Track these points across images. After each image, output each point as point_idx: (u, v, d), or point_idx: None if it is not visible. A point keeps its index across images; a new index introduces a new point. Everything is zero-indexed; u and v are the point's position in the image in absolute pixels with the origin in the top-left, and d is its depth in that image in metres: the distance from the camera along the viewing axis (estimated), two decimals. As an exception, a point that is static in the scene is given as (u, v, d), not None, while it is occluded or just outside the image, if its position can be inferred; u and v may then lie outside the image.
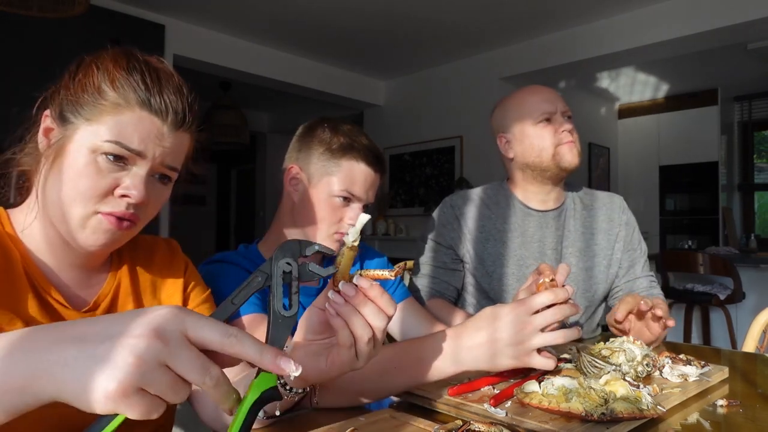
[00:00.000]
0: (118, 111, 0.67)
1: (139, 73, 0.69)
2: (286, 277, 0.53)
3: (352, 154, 1.05)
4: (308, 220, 1.07)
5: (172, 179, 0.75)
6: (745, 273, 3.62)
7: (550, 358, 0.76)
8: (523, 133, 1.38)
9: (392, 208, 5.72)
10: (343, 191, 1.05)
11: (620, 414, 0.65)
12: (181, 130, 0.72)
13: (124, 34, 3.74)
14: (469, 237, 1.43)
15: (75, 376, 0.38)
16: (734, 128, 6.54)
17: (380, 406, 0.87)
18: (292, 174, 1.10)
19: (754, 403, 0.79)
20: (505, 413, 0.70)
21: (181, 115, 0.71)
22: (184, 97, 0.72)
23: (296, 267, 0.53)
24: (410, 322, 1.18)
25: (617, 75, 5.68)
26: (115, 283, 0.78)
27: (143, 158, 0.68)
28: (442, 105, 5.24)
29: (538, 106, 1.36)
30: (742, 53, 4.86)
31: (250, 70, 4.70)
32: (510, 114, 1.41)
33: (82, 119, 0.68)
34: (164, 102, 0.69)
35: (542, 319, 0.75)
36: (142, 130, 0.68)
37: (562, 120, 1.36)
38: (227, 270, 1.00)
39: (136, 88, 0.68)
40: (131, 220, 0.70)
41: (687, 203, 6.24)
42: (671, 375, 0.86)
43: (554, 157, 1.35)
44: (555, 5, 3.93)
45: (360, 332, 0.59)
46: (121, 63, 0.69)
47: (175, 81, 0.72)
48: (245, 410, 0.47)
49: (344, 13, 4.08)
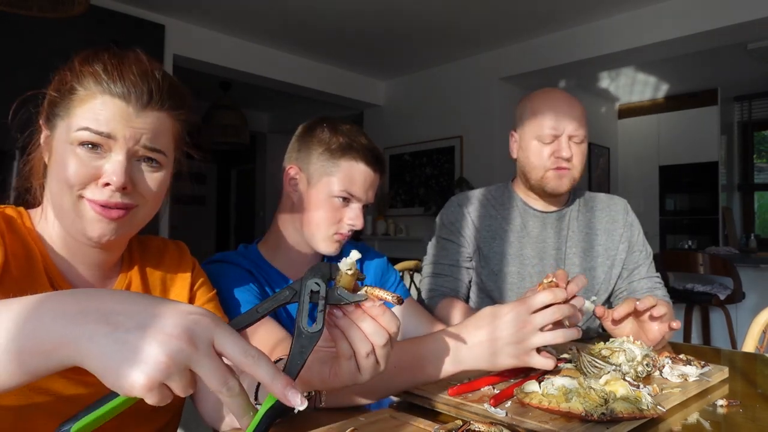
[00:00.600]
0: (85, 102, 0.70)
1: (101, 63, 0.71)
2: (313, 297, 0.55)
3: (351, 154, 1.05)
4: (307, 221, 1.07)
5: (161, 163, 0.74)
6: (745, 273, 3.62)
7: (549, 358, 0.76)
8: (526, 142, 1.37)
9: (392, 208, 5.72)
10: (343, 191, 1.05)
11: (620, 414, 0.65)
12: (150, 109, 0.71)
13: (124, 34, 3.74)
14: (477, 235, 1.43)
15: (104, 354, 0.41)
16: (734, 128, 6.54)
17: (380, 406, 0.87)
18: (291, 174, 1.10)
19: (754, 403, 0.79)
20: (505, 413, 0.70)
21: (147, 95, 0.71)
22: (153, 79, 0.72)
23: (324, 288, 0.55)
24: (410, 322, 1.18)
25: (617, 75, 5.69)
26: (126, 282, 0.81)
27: (115, 140, 0.69)
28: (442, 105, 5.24)
29: (545, 123, 1.32)
30: (742, 53, 4.86)
31: (250, 70, 4.70)
32: (524, 116, 1.39)
33: (59, 119, 0.72)
34: (125, 85, 0.70)
35: (541, 318, 0.75)
36: (107, 113, 0.69)
37: (565, 144, 1.31)
38: (227, 270, 1.00)
39: (97, 78, 0.70)
40: (124, 208, 0.71)
41: (687, 203, 6.24)
42: (671, 375, 0.86)
43: (542, 178, 1.34)
44: (555, 5, 3.93)
45: (358, 345, 0.58)
46: (87, 60, 0.72)
47: (143, 66, 0.73)
48: (258, 418, 0.47)
49: (344, 13, 4.08)
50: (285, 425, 0.72)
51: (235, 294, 0.96)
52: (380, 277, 1.23)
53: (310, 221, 1.06)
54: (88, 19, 2.93)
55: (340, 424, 0.69)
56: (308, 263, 1.13)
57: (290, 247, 1.10)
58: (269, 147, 7.46)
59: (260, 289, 1.03)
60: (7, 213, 0.74)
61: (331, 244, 1.08)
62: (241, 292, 0.97)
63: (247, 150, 6.89)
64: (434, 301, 1.37)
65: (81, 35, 3.23)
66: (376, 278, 1.23)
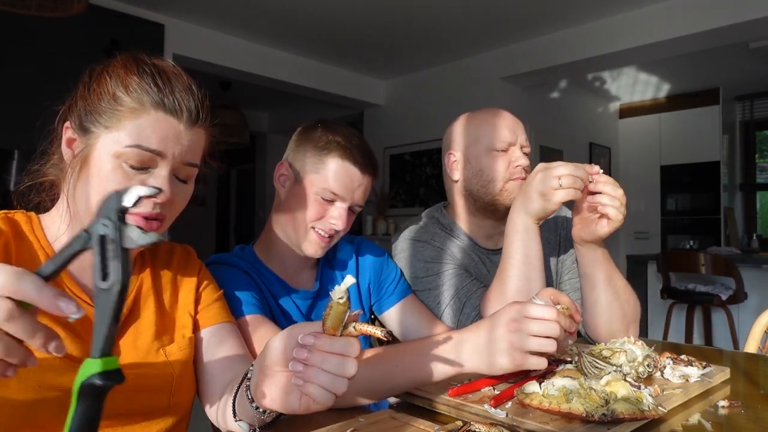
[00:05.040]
0: (135, 115, 0.70)
1: (150, 76, 0.72)
2: (103, 242, 0.46)
3: (339, 153, 1.02)
4: (291, 216, 1.05)
5: (192, 176, 0.78)
6: (747, 273, 3.62)
7: (542, 358, 0.75)
8: (475, 157, 1.25)
9: (392, 208, 5.72)
10: (326, 190, 1.02)
11: (621, 415, 0.65)
12: (196, 127, 0.74)
13: (124, 34, 3.74)
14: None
15: None
16: (736, 128, 6.53)
17: (380, 406, 0.86)
18: (281, 171, 1.09)
19: (756, 404, 0.79)
20: (505, 414, 0.70)
21: (195, 112, 0.73)
22: (195, 95, 0.75)
23: (113, 228, 0.46)
24: (410, 321, 1.17)
25: (618, 74, 5.68)
26: (137, 284, 0.82)
27: (164, 158, 0.71)
28: (443, 105, 5.24)
29: (498, 133, 1.23)
30: (743, 52, 4.85)
31: (250, 70, 4.70)
32: (466, 132, 1.28)
33: (101, 127, 0.71)
34: (177, 101, 0.72)
35: (537, 326, 0.73)
36: (160, 131, 0.71)
37: (519, 154, 1.24)
38: (224, 272, 0.99)
39: (149, 90, 0.71)
40: (159, 219, 0.73)
41: (688, 203, 6.23)
42: (672, 376, 0.85)
43: (502, 192, 1.23)
44: (555, 5, 3.93)
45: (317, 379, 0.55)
46: (131, 68, 0.72)
47: (184, 80, 0.75)
48: (72, 407, 0.45)
49: (344, 13, 4.08)
50: (285, 425, 0.72)
51: (234, 295, 0.95)
52: (380, 274, 1.20)
53: (293, 216, 1.05)
54: (88, 19, 2.93)
55: (340, 425, 0.69)
56: (301, 266, 1.11)
57: (281, 248, 1.09)
58: (269, 147, 7.46)
59: (258, 291, 1.02)
60: (15, 219, 0.75)
61: (312, 241, 1.04)
62: (241, 293, 0.97)
63: (247, 150, 6.89)
64: (473, 303, 1.19)
65: (81, 35, 3.24)
66: (375, 272, 1.19)
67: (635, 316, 1.14)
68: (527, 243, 1.09)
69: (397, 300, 1.18)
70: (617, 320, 1.11)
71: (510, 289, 1.09)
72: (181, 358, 0.80)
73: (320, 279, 1.12)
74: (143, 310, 0.81)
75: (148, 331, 0.79)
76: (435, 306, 1.22)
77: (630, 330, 1.13)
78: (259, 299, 1.00)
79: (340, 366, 0.55)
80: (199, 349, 0.84)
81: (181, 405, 0.80)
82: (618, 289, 1.10)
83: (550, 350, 0.73)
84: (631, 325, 1.13)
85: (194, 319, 0.85)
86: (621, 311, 1.11)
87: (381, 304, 1.19)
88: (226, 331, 0.86)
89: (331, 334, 0.55)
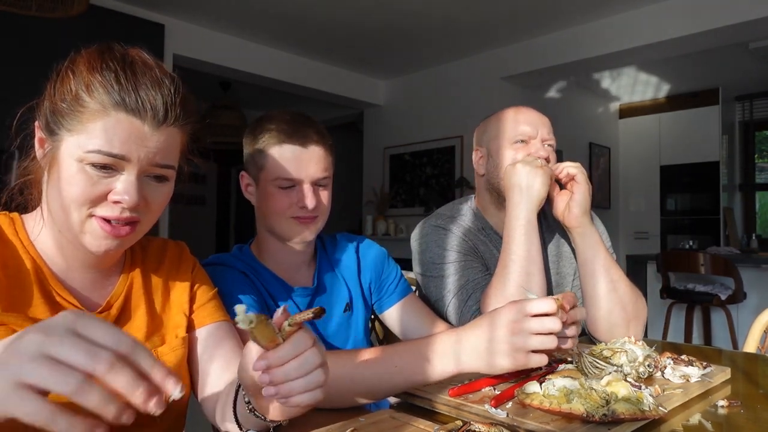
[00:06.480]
0: (96, 117, 0.66)
1: (112, 72, 0.66)
2: None
3: (274, 139, 1.01)
4: (268, 215, 1.06)
5: (170, 177, 0.73)
6: (747, 273, 3.62)
7: (543, 355, 0.75)
8: (496, 151, 1.30)
9: (392, 208, 5.72)
10: (279, 179, 1.01)
11: (622, 415, 0.65)
12: (165, 127, 0.69)
13: (124, 34, 3.74)
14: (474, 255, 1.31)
15: None
16: (735, 128, 6.52)
17: (380, 406, 0.86)
18: (243, 182, 1.10)
19: (756, 404, 0.79)
20: (505, 414, 0.70)
21: (162, 112, 0.68)
22: (165, 91, 0.68)
23: None
24: (410, 320, 1.17)
25: (618, 75, 5.68)
26: (127, 284, 0.80)
27: (129, 161, 0.67)
28: (442, 105, 5.24)
29: (517, 126, 1.28)
30: (743, 53, 4.85)
31: (250, 70, 4.70)
32: (491, 129, 1.34)
33: (64, 130, 0.67)
34: (140, 99, 0.66)
35: (538, 324, 0.74)
36: (122, 133, 0.66)
37: (539, 146, 1.27)
38: (222, 273, 0.99)
39: (110, 89, 0.66)
40: (131, 223, 0.70)
41: (688, 203, 6.23)
42: (673, 376, 0.85)
43: None
44: (555, 5, 3.93)
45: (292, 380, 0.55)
46: (94, 65, 0.67)
47: (154, 74, 0.69)
48: None
49: (344, 12, 4.08)
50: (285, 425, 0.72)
51: (232, 297, 0.95)
52: (380, 273, 1.20)
53: (271, 216, 1.05)
54: (88, 19, 2.92)
55: (340, 425, 0.69)
56: (296, 263, 1.12)
57: (274, 248, 1.10)
58: (270, 147, 7.45)
59: (256, 291, 1.02)
60: None
61: (292, 227, 1.04)
62: (239, 295, 0.97)
63: (248, 150, 6.87)
64: (474, 300, 1.20)
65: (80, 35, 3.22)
66: (376, 271, 1.20)
67: (636, 313, 1.15)
68: (530, 238, 1.13)
69: (397, 299, 1.19)
70: (617, 312, 1.13)
71: (510, 285, 1.10)
72: (174, 359, 0.79)
73: (318, 276, 1.13)
74: (134, 311, 0.79)
75: (139, 332, 0.77)
76: (442, 294, 1.23)
77: (631, 327, 1.13)
78: (257, 300, 1.00)
79: (304, 365, 0.54)
80: (194, 348, 0.83)
81: (175, 406, 0.79)
82: (615, 280, 1.15)
83: (551, 347, 0.74)
84: (632, 322, 1.14)
85: (189, 318, 0.84)
86: (620, 303, 1.13)
87: (381, 303, 1.20)
88: (224, 330, 0.85)
89: (275, 346, 0.54)
